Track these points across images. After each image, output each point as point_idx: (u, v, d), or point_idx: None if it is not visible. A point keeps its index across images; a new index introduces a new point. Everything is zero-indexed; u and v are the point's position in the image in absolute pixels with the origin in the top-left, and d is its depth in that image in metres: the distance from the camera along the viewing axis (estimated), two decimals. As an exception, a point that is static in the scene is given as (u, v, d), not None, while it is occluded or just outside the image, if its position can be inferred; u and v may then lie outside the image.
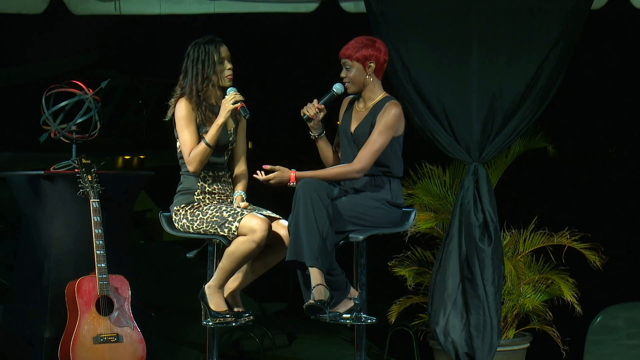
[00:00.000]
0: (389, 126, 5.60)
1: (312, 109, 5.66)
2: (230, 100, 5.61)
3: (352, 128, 5.73)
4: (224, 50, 5.69)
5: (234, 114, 5.74)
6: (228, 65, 5.69)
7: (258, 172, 5.56)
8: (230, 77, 5.68)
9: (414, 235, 6.85)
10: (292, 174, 5.53)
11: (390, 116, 5.60)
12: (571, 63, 6.49)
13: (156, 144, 10.10)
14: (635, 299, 7.05)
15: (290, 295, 8.55)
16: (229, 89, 5.66)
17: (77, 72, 8.55)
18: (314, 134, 5.75)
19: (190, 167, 5.64)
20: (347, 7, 6.83)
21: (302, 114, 5.67)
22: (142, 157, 10.22)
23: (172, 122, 5.74)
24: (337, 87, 5.72)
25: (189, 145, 5.64)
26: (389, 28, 6.47)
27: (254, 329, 7.37)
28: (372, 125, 5.62)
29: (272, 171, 5.52)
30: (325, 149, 5.80)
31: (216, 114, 5.68)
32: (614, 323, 6.92)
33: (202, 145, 5.61)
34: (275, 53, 8.47)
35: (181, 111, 5.67)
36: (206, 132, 5.64)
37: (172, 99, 5.73)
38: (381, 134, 5.58)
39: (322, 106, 5.69)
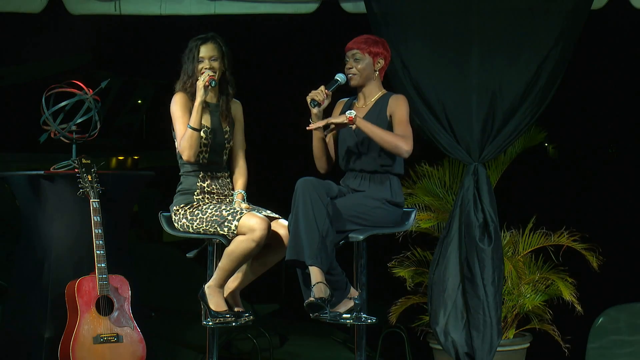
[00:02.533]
0: (409, 113, 5.65)
1: (320, 94, 5.67)
2: (202, 79, 5.64)
3: (355, 123, 5.73)
4: (204, 49, 5.70)
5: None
6: (206, 65, 5.69)
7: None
8: (209, 75, 5.65)
9: (413, 235, 6.85)
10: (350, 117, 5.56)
11: (405, 106, 5.66)
12: (571, 63, 6.50)
13: (151, 144, 10.08)
14: (636, 300, 7.05)
15: (282, 297, 8.54)
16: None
17: (73, 72, 8.53)
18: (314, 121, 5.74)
19: (184, 155, 5.65)
20: (347, 7, 6.84)
21: (309, 100, 5.66)
22: (136, 157, 10.20)
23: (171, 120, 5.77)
24: (340, 76, 5.75)
25: (181, 136, 5.66)
26: (389, 28, 6.47)
27: (248, 330, 7.36)
28: (381, 117, 5.64)
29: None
30: (320, 144, 5.80)
31: (210, 109, 5.73)
32: (615, 324, 6.90)
33: (188, 130, 5.62)
34: (276, 54, 8.46)
35: (175, 104, 5.72)
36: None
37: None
38: (407, 120, 5.63)
39: (330, 92, 5.70)
